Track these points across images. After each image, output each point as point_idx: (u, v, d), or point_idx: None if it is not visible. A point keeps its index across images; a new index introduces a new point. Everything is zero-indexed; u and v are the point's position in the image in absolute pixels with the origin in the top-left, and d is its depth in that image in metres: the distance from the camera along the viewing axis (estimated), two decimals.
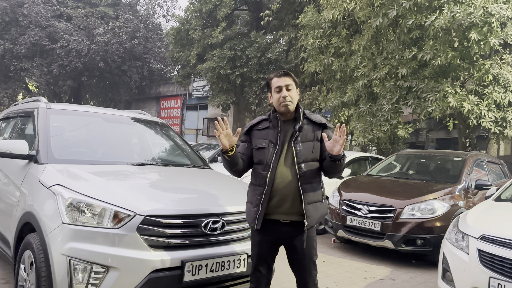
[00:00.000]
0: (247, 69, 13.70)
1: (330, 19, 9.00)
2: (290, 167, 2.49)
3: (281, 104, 2.53)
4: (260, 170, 2.52)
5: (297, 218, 2.48)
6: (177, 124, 21.57)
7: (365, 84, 8.69)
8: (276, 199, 2.47)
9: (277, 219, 2.50)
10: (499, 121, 7.90)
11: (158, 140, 4.31)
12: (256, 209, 2.48)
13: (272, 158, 2.49)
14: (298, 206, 2.46)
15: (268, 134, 2.57)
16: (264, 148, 2.53)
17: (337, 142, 2.37)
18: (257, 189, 2.51)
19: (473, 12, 6.71)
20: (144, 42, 21.03)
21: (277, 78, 2.56)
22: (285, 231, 2.52)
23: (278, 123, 2.55)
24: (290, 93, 2.54)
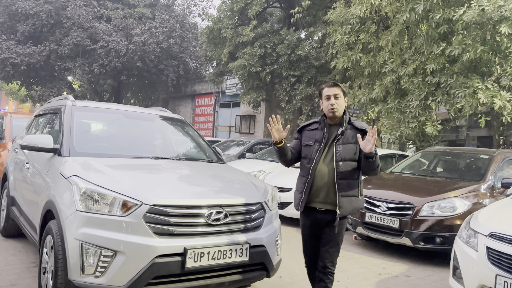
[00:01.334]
0: (277, 67, 13.78)
1: (358, 15, 8.93)
2: (329, 163, 2.92)
3: (328, 110, 2.97)
4: (305, 163, 3.00)
5: (331, 207, 2.91)
6: (210, 122, 21.98)
7: (393, 80, 8.56)
8: (315, 189, 2.92)
9: (314, 206, 2.95)
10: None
11: (176, 135, 4.52)
12: (300, 195, 2.98)
13: (316, 154, 2.94)
14: (332, 197, 2.88)
15: (316, 134, 3.03)
16: (310, 146, 3.00)
17: (369, 142, 2.75)
18: (302, 179, 3.01)
19: (503, 5, 6.47)
20: (180, 42, 21.57)
21: (328, 88, 3.00)
22: (320, 218, 2.96)
23: (324, 126, 3.01)
24: (338, 101, 2.95)
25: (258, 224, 3.24)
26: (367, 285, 4.30)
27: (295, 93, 13.95)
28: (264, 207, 3.33)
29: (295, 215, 7.16)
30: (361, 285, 4.27)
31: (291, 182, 7.40)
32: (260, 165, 9.35)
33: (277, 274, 4.18)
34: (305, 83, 13.83)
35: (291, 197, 7.12)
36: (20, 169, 4.46)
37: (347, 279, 4.45)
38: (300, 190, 2.99)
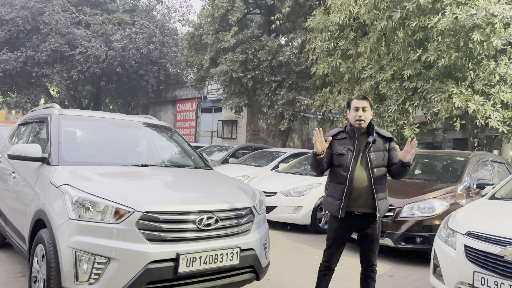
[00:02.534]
0: (259, 72, 13.93)
1: (337, 22, 9.16)
2: (364, 170, 3.14)
3: (355, 121, 3.17)
4: (341, 171, 3.16)
5: (370, 210, 3.15)
6: (192, 127, 21.96)
7: (372, 86, 8.80)
8: (354, 195, 3.11)
9: (353, 211, 3.14)
10: (507, 121, 7.90)
11: (163, 142, 4.58)
12: (339, 202, 3.13)
13: (350, 162, 3.14)
14: (371, 201, 3.13)
15: (346, 143, 3.20)
16: (344, 154, 3.16)
17: (409, 152, 3.07)
18: (338, 186, 3.16)
19: (475, 13, 6.77)
20: (160, 47, 21.52)
21: (357, 100, 3.20)
22: (359, 221, 3.18)
23: (355, 135, 3.20)
24: (365, 113, 3.17)
25: (247, 228, 3.33)
26: (352, 285, 4.44)
27: (276, 98, 14.13)
28: (253, 211, 3.43)
29: (280, 219, 7.28)
30: (346, 285, 4.40)
31: (275, 186, 7.55)
32: (244, 170, 9.45)
33: (265, 277, 4.28)
34: (287, 88, 14.03)
35: (275, 201, 7.28)
36: (4, 178, 4.43)
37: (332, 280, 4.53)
38: (338, 197, 3.14)
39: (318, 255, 5.68)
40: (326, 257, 3.31)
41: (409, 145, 3.07)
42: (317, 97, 12.66)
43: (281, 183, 7.65)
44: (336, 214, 3.14)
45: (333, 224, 3.24)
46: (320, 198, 7.31)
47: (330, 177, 3.27)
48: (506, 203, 4.20)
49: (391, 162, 3.25)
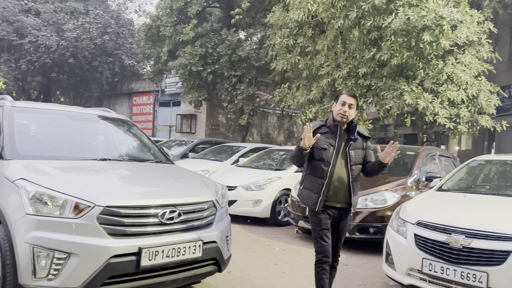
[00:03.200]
0: (219, 67, 13.91)
1: (296, 19, 9.31)
2: (344, 167, 3.22)
3: (338, 115, 3.20)
4: (321, 165, 3.19)
5: (344, 205, 3.27)
6: (149, 121, 21.53)
7: (329, 82, 9.05)
8: (332, 190, 3.19)
9: (331, 205, 3.23)
10: (453, 118, 8.42)
11: (122, 136, 4.50)
12: (317, 196, 3.18)
13: (332, 157, 3.18)
14: (347, 197, 3.24)
15: (328, 138, 3.23)
16: (326, 149, 3.19)
17: (389, 154, 3.16)
18: (318, 180, 3.20)
19: (426, 15, 7.14)
20: (116, 38, 20.88)
21: (346, 95, 3.22)
22: (336, 214, 3.28)
23: (337, 131, 3.23)
24: (350, 110, 3.19)
25: (210, 221, 3.37)
26: (310, 275, 4.57)
27: (236, 93, 14.17)
28: (215, 204, 3.47)
29: (240, 212, 7.36)
30: (304, 275, 4.55)
31: (236, 180, 7.61)
32: (204, 164, 9.44)
33: (226, 269, 4.34)
34: (246, 83, 14.10)
35: (236, 195, 7.35)
36: None
37: (291, 270, 4.72)
38: (317, 191, 3.19)
39: (277, 247, 5.82)
40: (318, 252, 3.27)
41: (390, 148, 3.15)
42: (277, 93, 12.83)
43: (241, 177, 7.72)
44: (313, 207, 3.20)
45: (314, 217, 3.28)
46: (279, 191, 7.47)
47: (309, 170, 3.28)
48: (451, 194, 4.51)
49: (366, 161, 3.34)
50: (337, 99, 3.27)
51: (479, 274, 3.28)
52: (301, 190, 3.35)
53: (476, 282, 3.30)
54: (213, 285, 4.04)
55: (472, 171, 5.17)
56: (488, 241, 3.33)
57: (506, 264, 3.21)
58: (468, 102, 8.57)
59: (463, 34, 7.57)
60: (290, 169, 8.01)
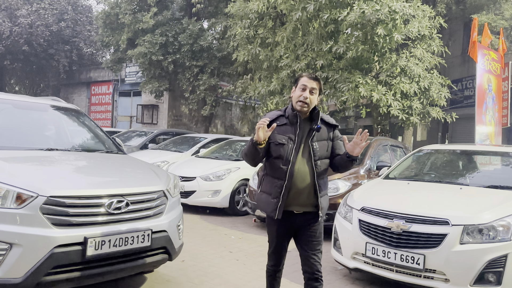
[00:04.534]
0: (180, 56, 13.73)
1: (256, 10, 9.35)
2: (307, 163, 2.69)
3: (298, 103, 2.68)
4: (279, 164, 2.67)
5: (311, 209, 2.73)
6: (109, 111, 20.99)
7: (288, 74, 9.18)
8: (293, 192, 2.67)
9: (291, 210, 2.71)
10: (406, 109, 8.77)
11: (71, 126, 4.41)
12: (276, 201, 2.68)
13: (291, 154, 2.66)
14: (313, 198, 2.70)
15: (287, 131, 2.71)
16: (284, 144, 2.68)
17: (358, 145, 2.65)
18: (276, 182, 2.70)
19: (380, 9, 7.37)
20: (73, 25, 20.15)
21: (307, 78, 2.70)
22: (300, 221, 2.75)
23: (297, 121, 2.71)
24: (312, 96, 2.68)
25: (160, 210, 3.38)
26: (263, 261, 4.67)
27: (198, 83, 14.06)
28: (166, 194, 3.49)
29: (199, 203, 7.39)
30: (258, 261, 4.67)
31: (195, 171, 7.62)
32: (164, 155, 9.36)
33: (180, 258, 4.39)
34: (209, 74, 14.02)
35: (195, 186, 7.36)
36: None
37: (245, 258, 4.82)
38: (275, 195, 2.69)
39: (234, 236, 5.91)
40: (272, 260, 2.92)
41: (359, 137, 2.65)
42: (239, 84, 12.85)
43: (200, 168, 7.73)
44: (272, 214, 2.71)
45: (270, 226, 2.83)
46: (238, 181, 7.54)
47: (266, 169, 2.79)
48: (396, 182, 4.75)
49: (334, 153, 2.81)
50: (296, 83, 2.75)
51: (417, 256, 3.50)
52: (259, 194, 2.86)
53: (414, 264, 3.52)
54: (166, 273, 4.07)
55: (418, 160, 5.44)
56: (426, 225, 3.55)
57: (441, 246, 3.44)
58: (420, 95, 8.95)
59: (415, 28, 7.88)
60: None
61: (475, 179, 4.68)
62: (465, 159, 5.29)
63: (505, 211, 3.58)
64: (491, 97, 9.62)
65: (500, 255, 3.35)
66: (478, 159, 5.37)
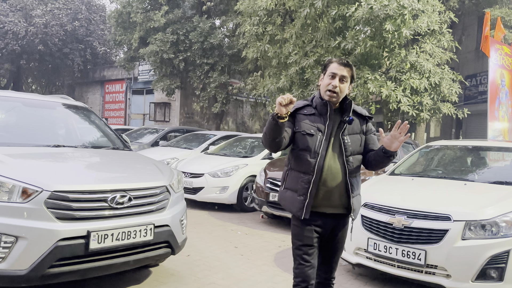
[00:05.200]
0: (191, 54, 13.84)
1: (265, 7, 9.37)
2: (338, 159, 2.41)
3: (326, 92, 2.42)
4: (307, 157, 2.39)
5: (342, 211, 2.46)
6: (122, 109, 21.27)
7: (297, 71, 9.18)
8: (324, 190, 2.39)
9: (322, 211, 2.42)
10: (416, 105, 8.69)
11: (79, 123, 4.51)
12: (303, 198, 2.38)
13: (320, 146, 2.39)
14: (344, 199, 2.43)
15: (315, 121, 2.45)
16: (313, 135, 2.41)
17: (396, 139, 2.37)
18: (302, 177, 2.40)
19: (388, 4, 7.32)
20: (87, 24, 20.46)
21: (337, 64, 2.43)
22: (329, 224, 2.47)
23: (327, 111, 2.45)
24: (342, 85, 2.42)
25: (162, 205, 3.45)
26: (267, 256, 4.77)
27: (209, 81, 14.15)
28: (169, 189, 3.55)
29: (207, 199, 7.46)
30: (262, 256, 4.71)
31: (203, 167, 7.70)
32: (174, 152, 9.47)
33: (186, 252, 4.47)
34: (219, 71, 14.09)
35: (203, 182, 7.44)
36: None
37: (250, 253, 4.87)
38: (302, 192, 2.39)
39: (240, 231, 5.97)
40: (299, 275, 2.44)
41: (397, 130, 2.38)
42: (249, 81, 12.91)
43: (208, 165, 7.81)
44: (299, 214, 2.39)
45: (296, 228, 2.47)
46: (246, 178, 7.59)
47: (291, 163, 2.51)
48: (401, 178, 4.73)
49: (367, 148, 2.54)
50: (325, 70, 2.47)
51: (418, 252, 3.50)
52: (282, 191, 2.54)
53: (415, 259, 3.51)
54: (171, 267, 4.15)
55: (425, 156, 5.41)
56: (427, 221, 3.54)
57: (442, 242, 3.43)
58: (430, 90, 8.85)
59: (424, 23, 7.80)
60: (257, 156, 8.14)
61: (480, 175, 4.63)
62: (472, 155, 5.24)
63: (508, 207, 3.54)
64: (505, 93, 9.45)
65: (502, 251, 3.33)
66: (485, 155, 5.31)
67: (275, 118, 2.22)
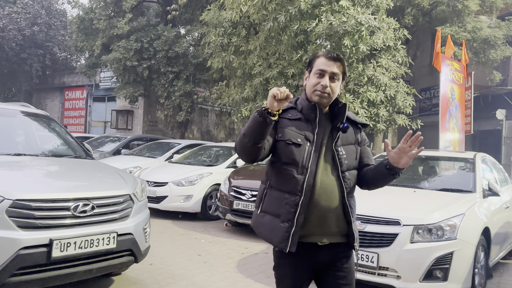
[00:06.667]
0: (155, 62, 13.80)
1: (230, 19, 9.55)
2: (331, 175, 1.96)
3: (314, 93, 1.96)
4: (293, 172, 1.91)
5: (340, 239, 1.99)
6: (82, 116, 20.74)
7: (261, 82, 9.40)
8: (316, 215, 1.91)
9: (313, 241, 1.94)
10: (373, 117, 9.11)
11: (40, 132, 4.47)
12: (288, 225, 1.89)
13: (309, 159, 1.92)
14: (343, 225, 1.98)
15: (302, 128, 1.98)
16: (300, 145, 1.93)
17: (406, 153, 1.91)
18: (288, 198, 1.92)
19: (346, 21, 7.68)
20: (47, 29, 19.90)
21: (326, 59, 1.97)
22: (325, 257, 1.98)
23: (316, 117, 1.98)
24: (333, 84, 1.97)
25: (126, 214, 3.50)
26: (230, 263, 4.87)
27: (173, 89, 14.14)
28: (132, 198, 3.61)
29: (171, 208, 7.47)
30: (225, 263, 4.82)
31: (167, 176, 7.71)
32: (137, 161, 9.41)
33: (148, 261, 4.50)
34: (184, 80, 14.12)
35: (167, 191, 7.45)
36: None
37: (213, 260, 4.96)
38: (286, 217, 1.90)
39: (204, 240, 6.04)
40: None
41: (406, 143, 1.92)
42: (214, 90, 13.02)
43: (173, 173, 7.83)
44: (282, 246, 1.89)
45: (279, 264, 2.02)
46: (210, 186, 7.67)
47: (271, 180, 2.02)
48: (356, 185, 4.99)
49: (362, 163, 2.11)
50: (311, 66, 2.02)
51: (371, 255, 3.73)
52: (259, 216, 2.05)
53: (369, 262, 3.75)
54: (133, 276, 4.17)
55: None
56: (379, 226, 3.79)
57: (393, 245, 3.68)
58: (386, 103, 9.31)
59: (380, 39, 8.22)
60: (222, 165, 8.25)
61: (429, 183, 4.98)
62: (423, 164, 5.60)
63: (452, 212, 3.86)
64: (455, 105, 10.10)
65: (446, 253, 3.62)
66: (435, 164, 5.69)
67: (263, 115, 1.75)
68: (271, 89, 1.74)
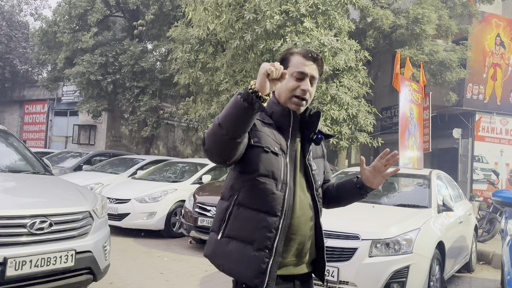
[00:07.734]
0: (120, 76, 13.64)
1: (197, 36, 9.65)
2: (307, 193, 1.70)
3: (292, 99, 1.67)
4: (272, 187, 1.59)
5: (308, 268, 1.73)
6: (42, 131, 20.06)
7: (228, 98, 9.49)
8: (296, 241, 1.62)
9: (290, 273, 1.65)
10: (336, 134, 9.37)
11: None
12: (264, 255, 1.54)
13: (287, 173, 1.63)
14: (313, 251, 1.72)
15: (275, 135, 1.66)
16: (278, 155, 1.62)
17: (381, 173, 1.74)
18: (265, 219, 1.56)
19: (310, 42, 7.95)
20: (7, 41, 19.30)
21: (305, 59, 1.67)
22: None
23: (289, 125, 1.68)
24: (311, 89, 1.69)
25: (85, 231, 3.42)
26: (193, 281, 4.82)
27: (139, 104, 13.98)
28: (92, 215, 3.54)
29: (133, 225, 7.30)
30: (188, 281, 4.76)
31: (130, 193, 7.56)
32: (98, 177, 9.17)
33: (108, 280, 4.38)
34: (150, 95, 14.01)
35: (129, 208, 7.30)
36: None
37: (175, 278, 4.89)
38: (262, 244, 1.56)
39: (167, 258, 5.94)
40: None
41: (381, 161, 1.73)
42: (181, 106, 12.98)
43: (136, 190, 7.69)
44: (258, 282, 1.53)
45: None
46: (175, 203, 7.58)
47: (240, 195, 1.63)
48: None
49: (324, 179, 1.90)
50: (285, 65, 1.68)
51: (331, 269, 3.81)
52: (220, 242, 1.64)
53: (329, 276, 3.82)
54: None
55: None
56: (339, 240, 3.88)
57: (352, 259, 3.79)
58: (349, 121, 9.62)
59: (342, 60, 8.54)
60: (187, 181, 8.19)
61: (387, 199, 5.17)
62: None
63: (408, 226, 4.02)
64: (413, 124, 10.55)
65: (403, 266, 3.75)
66: (394, 181, 5.91)
67: (250, 98, 1.37)
68: (262, 64, 1.38)
